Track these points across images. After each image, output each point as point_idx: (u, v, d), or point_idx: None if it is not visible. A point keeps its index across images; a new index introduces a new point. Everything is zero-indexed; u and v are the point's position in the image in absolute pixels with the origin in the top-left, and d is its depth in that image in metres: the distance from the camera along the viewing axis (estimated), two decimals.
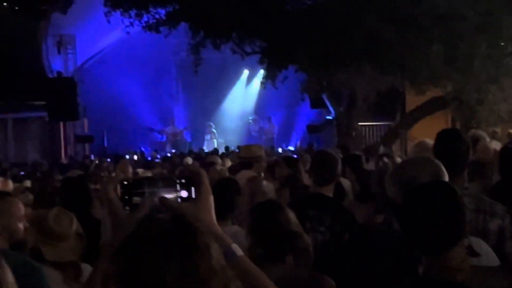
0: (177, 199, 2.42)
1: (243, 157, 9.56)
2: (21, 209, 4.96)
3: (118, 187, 2.45)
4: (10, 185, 9.68)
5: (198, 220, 2.27)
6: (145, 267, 1.89)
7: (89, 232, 5.62)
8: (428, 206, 3.18)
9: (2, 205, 4.86)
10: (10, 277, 2.97)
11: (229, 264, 2.15)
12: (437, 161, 4.40)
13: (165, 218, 2.08)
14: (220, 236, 2.42)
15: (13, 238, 4.85)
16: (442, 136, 5.99)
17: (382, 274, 4.66)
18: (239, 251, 2.42)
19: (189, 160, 17.24)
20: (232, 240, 2.48)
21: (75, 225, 5.29)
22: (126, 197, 2.43)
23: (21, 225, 4.88)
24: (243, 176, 8.80)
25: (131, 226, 2.25)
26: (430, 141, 6.74)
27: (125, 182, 2.45)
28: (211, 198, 2.45)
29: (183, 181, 2.44)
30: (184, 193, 2.43)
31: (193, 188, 2.44)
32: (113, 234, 2.41)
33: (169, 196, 2.42)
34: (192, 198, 2.43)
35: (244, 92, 40.34)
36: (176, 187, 2.43)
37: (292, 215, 4.60)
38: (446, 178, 4.26)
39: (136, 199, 2.42)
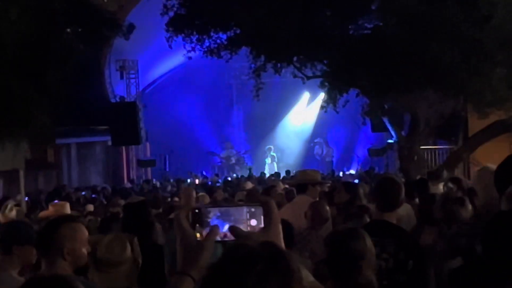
0: (246, 228, 2.43)
1: (299, 180, 9.55)
2: (86, 233, 5.00)
3: (190, 214, 2.48)
4: (68, 208, 9.77)
5: None
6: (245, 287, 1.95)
7: (150, 257, 5.65)
8: None
9: (69, 229, 4.90)
10: None
11: None
12: None
13: (253, 244, 2.12)
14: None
15: (77, 263, 4.89)
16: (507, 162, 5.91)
17: None
18: (310, 277, 2.53)
19: (249, 185, 17.25)
20: None
21: (129, 251, 5.32)
22: (197, 225, 2.45)
23: (85, 250, 4.92)
24: (298, 201, 8.82)
25: (202, 254, 2.36)
26: (494, 166, 6.65)
27: (197, 210, 2.48)
28: (280, 226, 2.46)
29: (253, 209, 2.44)
30: (253, 222, 2.44)
31: (262, 217, 2.44)
32: (184, 260, 2.43)
33: (239, 225, 2.43)
34: (261, 226, 2.43)
35: (304, 115, 40.33)
36: (246, 215, 2.44)
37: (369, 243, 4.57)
38: None
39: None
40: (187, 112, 37.01)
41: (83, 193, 24.45)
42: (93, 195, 23.20)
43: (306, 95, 39.05)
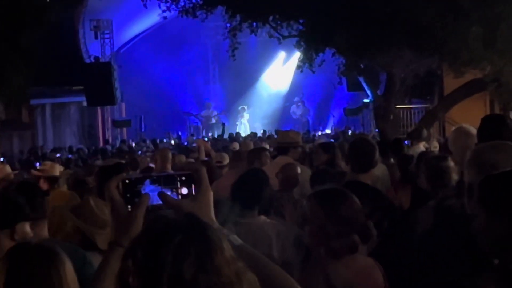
0: (178, 196, 2.45)
1: (280, 143, 9.55)
2: None
3: (121, 184, 2.47)
4: (58, 169, 9.69)
5: (196, 213, 2.33)
6: (163, 261, 1.95)
7: None
8: None
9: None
10: (70, 270, 3.02)
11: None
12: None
13: (177, 215, 2.17)
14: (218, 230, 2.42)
15: None
16: (486, 121, 5.94)
17: (425, 264, 4.61)
18: (238, 241, 2.44)
19: (236, 145, 17.23)
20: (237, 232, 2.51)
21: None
22: (128, 195, 2.46)
23: None
24: (279, 162, 8.79)
25: (133, 224, 2.39)
26: (469, 127, 6.66)
27: (127, 181, 2.48)
28: (211, 194, 2.47)
29: (183, 178, 2.46)
30: (184, 190, 2.46)
31: (193, 185, 2.46)
32: (116, 231, 2.47)
33: (169, 193, 2.45)
34: (192, 195, 2.45)
35: (280, 75, 40.25)
36: (177, 184, 2.46)
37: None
38: None
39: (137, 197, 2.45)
40: (162, 72, 36.87)
41: (58, 154, 24.34)
42: (70, 156, 23.13)
43: (282, 55, 38.93)
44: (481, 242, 3.16)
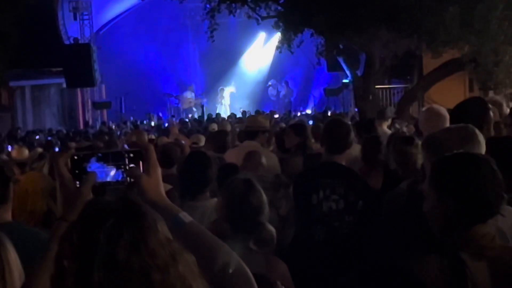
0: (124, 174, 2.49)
1: (249, 127, 9.53)
2: None
3: (69, 161, 2.50)
4: (26, 152, 9.70)
5: (146, 190, 2.43)
6: (96, 244, 1.96)
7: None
8: (467, 176, 3.09)
9: None
10: (13, 256, 3.02)
11: (179, 231, 2.34)
12: (472, 127, 4.34)
13: (112, 198, 2.15)
14: (169, 206, 2.48)
15: None
16: (463, 104, 6.01)
17: (397, 243, 4.65)
18: (187, 218, 2.45)
19: (215, 126, 17.28)
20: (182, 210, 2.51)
21: None
22: (76, 171, 2.49)
23: None
24: (246, 146, 8.83)
25: (80, 200, 2.42)
26: (439, 107, 6.69)
27: (75, 157, 2.50)
28: (159, 171, 2.50)
29: (131, 155, 2.49)
30: (132, 167, 2.49)
31: (141, 162, 2.48)
32: (64, 207, 2.49)
33: (118, 170, 2.49)
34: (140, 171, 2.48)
35: (260, 56, 40.18)
36: (125, 161, 2.49)
37: (264, 199, 4.58)
38: (483, 147, 4.23)
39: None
40: (142, 53, 36.71)
41: (37, 136, 24.26)
42: (49, 138, 23.03)
43: (262, 36, 38.82)
44: (430, 222, 3.23)
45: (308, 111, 35.06)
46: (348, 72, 21.85)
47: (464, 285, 2.91)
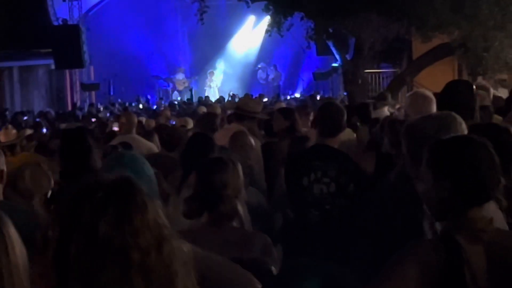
0: None
1: (238, 109, 9.44)
2: None
3: None
4: (13, 132, 9.64)
5: None
6: (80, 216, 1.97)
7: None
8: (463, 159, 3.08)
9: None
10: (13, 231, 3.03)
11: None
12: (453, 116, 4.33)
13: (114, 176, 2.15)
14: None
15: None
16: (449, 87, 6.00)
17: (388, 227, 4.66)
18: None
19: (204, 109, 17.25)
20: None
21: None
22: None
23: None
24: (231, 128, 8.81)
25: None
26: (425, 91, 6.69)
27: None
28: None
29: None
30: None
31: None
32: None
33: None
34: None
35: (250, 39, 40.12)
36: None
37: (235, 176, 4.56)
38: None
39: None
40: (131, 35, 36.58)
41: (25, 117, 24.20)
42: (37, 119, 22.97)
43: (251, 19, 38.75)
44: (426, 205, 3.24)
45: (297, 95, 35.07)
46: (337, 56, 21.83)
47: (461, 269, 2.91)
